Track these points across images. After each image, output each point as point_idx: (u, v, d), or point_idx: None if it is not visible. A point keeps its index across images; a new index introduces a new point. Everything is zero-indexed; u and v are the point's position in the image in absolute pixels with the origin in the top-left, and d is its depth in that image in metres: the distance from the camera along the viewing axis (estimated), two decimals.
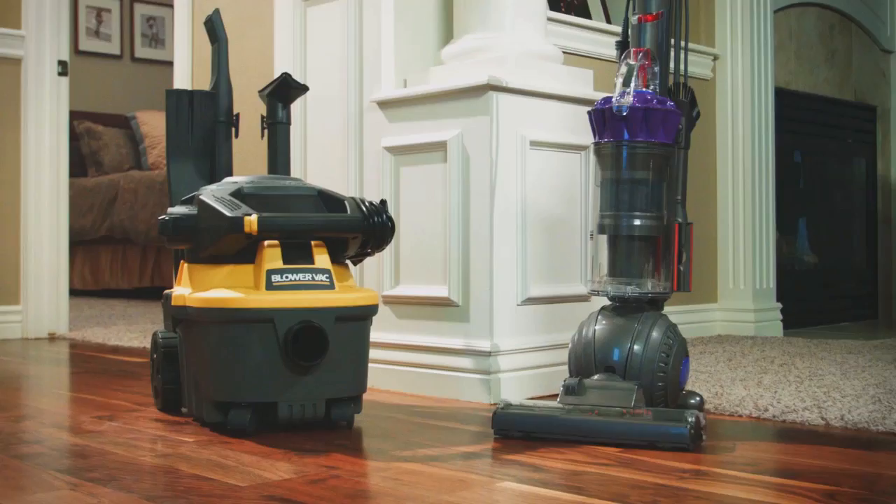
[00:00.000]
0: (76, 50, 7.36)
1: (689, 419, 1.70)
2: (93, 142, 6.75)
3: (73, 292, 6.44)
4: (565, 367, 2.06)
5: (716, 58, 3.81)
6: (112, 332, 3.97)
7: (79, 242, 6.38)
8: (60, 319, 3.96)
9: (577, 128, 2.40)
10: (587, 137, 2.38)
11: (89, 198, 6.32)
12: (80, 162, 6.80)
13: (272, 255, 1.84)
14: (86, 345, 3.61)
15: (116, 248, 6.19)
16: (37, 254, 3.88)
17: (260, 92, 2.16)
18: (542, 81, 2.35)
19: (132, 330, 4.01)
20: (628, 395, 1.79)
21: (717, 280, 3.80)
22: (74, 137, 6.77)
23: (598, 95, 2.43)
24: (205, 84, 2.26)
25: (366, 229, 1.89)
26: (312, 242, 1.87)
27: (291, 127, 2.43)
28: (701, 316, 3.68)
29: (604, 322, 1.92)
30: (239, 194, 1.89)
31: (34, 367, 3.04)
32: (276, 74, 2.21)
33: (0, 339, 3.81)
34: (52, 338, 3.88)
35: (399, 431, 1.88)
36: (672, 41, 2.04)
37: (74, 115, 6.80)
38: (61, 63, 3.96)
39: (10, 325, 3.86)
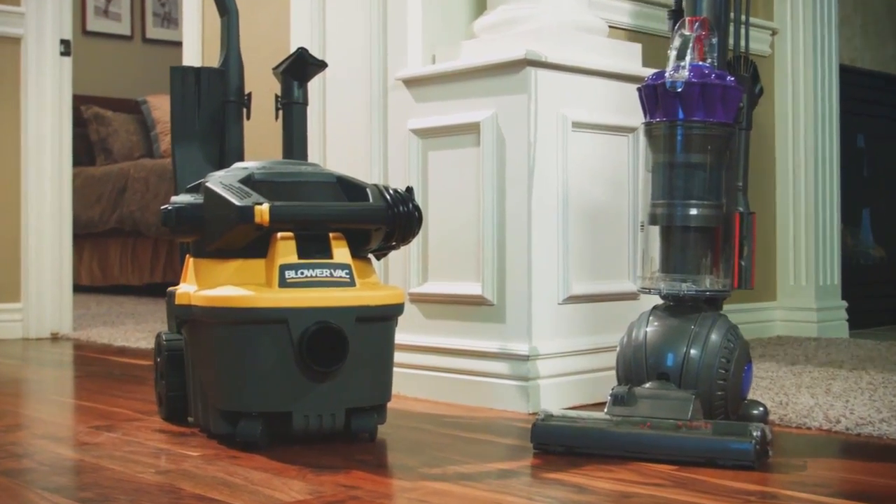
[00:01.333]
0: (83, 30, 7.33)
1: (754, 433, 1.60)
2: (101, 128, 6.73)
3: (81, 288, 6.43)
4: (612, 374, 1.99)
5: (774, 32, 3.71)
6: (119, 331, 3.92)
7: (86, 235, 6.37)
8: (64, 318, 3.92)
9: (624, 107, 2.34)
10: (635, 118, 2.31)
11: (97, 187, 6.29)
12: (88, 149, 6.79)
13: (286, 249, 1.77)
14: (90, 345, 3.57)
15: (126, 242, 6.16)
16: (38, 247, 3.84)
17: (274, 69, 2.11)
18: (586, 56, 2.28)
19: (140, 329, 3.97)
20: (684, 405, 1.70)
21: (777, 276, 3.70)
22: (82, 123, 6.76)
23: (648, 72, 2.35)
24: (216, 63, 2.18)
25: (390, 220, 1.83)
26: (331, 235, 1.81)
27: (309, 108, 2.37)
28: (758, 315, 3.59)
29: (656, 323, 1.83)
30: (249, 181, 1.83)
31: (32, 370, 2.99)
32: (293, 50, 2.15)
33: (0, 339, 3.77)
34: (55, 338, 3.85)
35: (427, 445, 1.81)
36: (731, 9, 1.94)
37: (82, 100, 6.79)
38: (64, 42, 3.92)
39: (10, 324, 3.83)
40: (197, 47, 3.46)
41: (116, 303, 5.57)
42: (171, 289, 1.97)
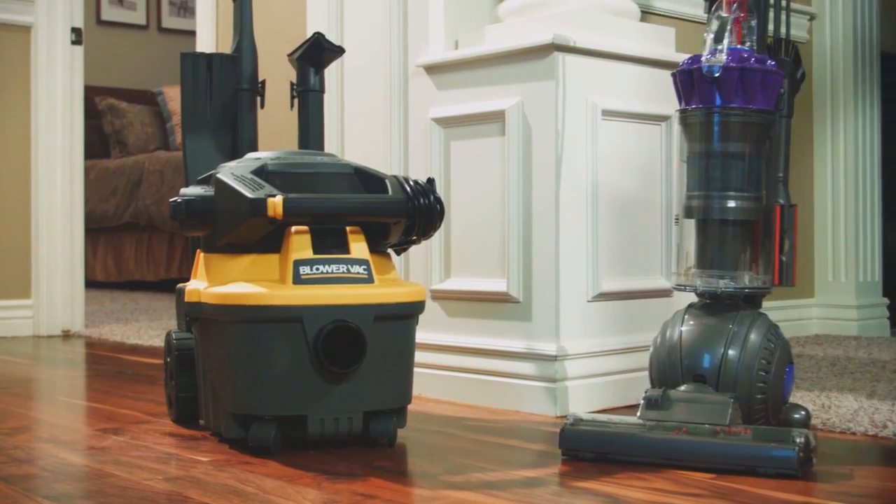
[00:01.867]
0: (98, 19, 7.32)
1: (798, 440, 1.54)
2: (116, 120, 6.72)
3: (95, 284, 6.42)
4: (644, 375, 1.95)
5: (812, 17, 3.64)
6: (132, 328, 3.90)
7: (101, 230, 6.35)
8: (75, 315, 3.90)
9: (657, 94, 2.29)
10: (668, 106, 2.27)
11: (112, 181, 6.28)
12: (103, 142, 6.78)
13: (300, 244, 1.72)
14: (102, 343, 3.54)
15: (141, 236, 6.14)
16: (49, 242, 3.82)
17: (289, 55, 2.07)
18: (616, 41, 2.23)
19: (154, 327, 3.94)
20: (722, 409, 1.64)
21: (815, 272, 3.64)
22: (96, 115, 6.75)
23: (682, 57, 2.29)
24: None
25: (410, 213, 1.78)
26: (348, 228, 1.77)
27: (326, 96, 2.33)
28: (795, 313, 3.52)
29: (692, 322, 1.77)
30: (262, 172, 1.78)
31: (41, 369, 2.96)
32: (309, 35, 2.11)
33: (10, 336, 3.76)
34: (66, 335, 3.83)
35: (449, 450, 1.76)
36: None
37: (96, 91, 6.78)
38: (75, 31, 3.89)
39: (21, 321, 3.81)
40: (211, 36, 3.43)
41: (131, 299, 5.55)
42: (180, 285, 1.93)
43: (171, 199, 1.77)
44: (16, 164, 3.79)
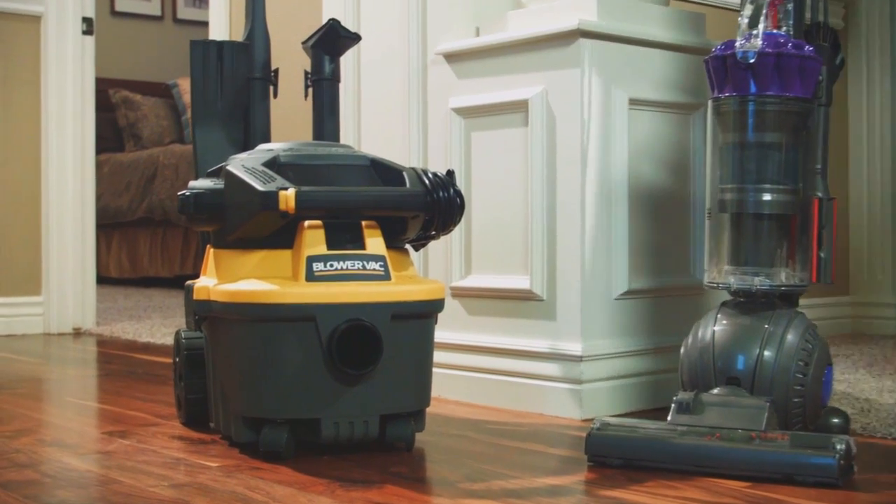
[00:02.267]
0: (112, 10, 7.30)
1: (838, 446, 1.48)
2: (130, 112, 6.70)
3: (109, 281, 6.40)
4: (675, 377, 1.90)
5: (847, 4, 3.56)
6: (145, 326, 3.86)
7: (114, 225, 6.34)
8: (87, 312, 3.87)
9: (688, 83, 2.24)
10: (699, 95, 2.24)
11: (126, 175, 6.26)
12: (117, 135, 6.77)
13: (314, 239, 1.68)
14: (113, 341, 3.51)
15: (156, 232, 6.12)
16: (59, 238, 3.80)
17: (303, 43, 2.04)
18: (644, 27, 2.18)
19: (168, 324, 3.91)
20: (757, 414, 1.58)
21: (850, 268, 3.57)
22: (110, 108, 6.73)
23: (713, 44, 2.24)
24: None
25: (429, 206, 1.74)
26: (363, 223, 1.72)
27: (341, 85, 2.29)
28: (829, 311, 3.46)
29: (725, 322, 1.71)
30: (274, 164, 1.74)
31: (50, 368, 2.93)
32: (324, 22, 2.07)
33: (20, 334, 3.74)
34: (78, 333, 3.80)
35: (469, 455, 1.72)
36: None
37: (110, 84, 6.76)
38: (86, 20, 3.86)
39: (31, 318, 3.78)
40: (225, 25, 3.41)
41: (145, 296, 5.53)
42: (189, 282, 1.89)
43: (179, 193, 1.73)
44: (25, 158, 3.77)
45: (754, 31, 1.72)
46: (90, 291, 3.89)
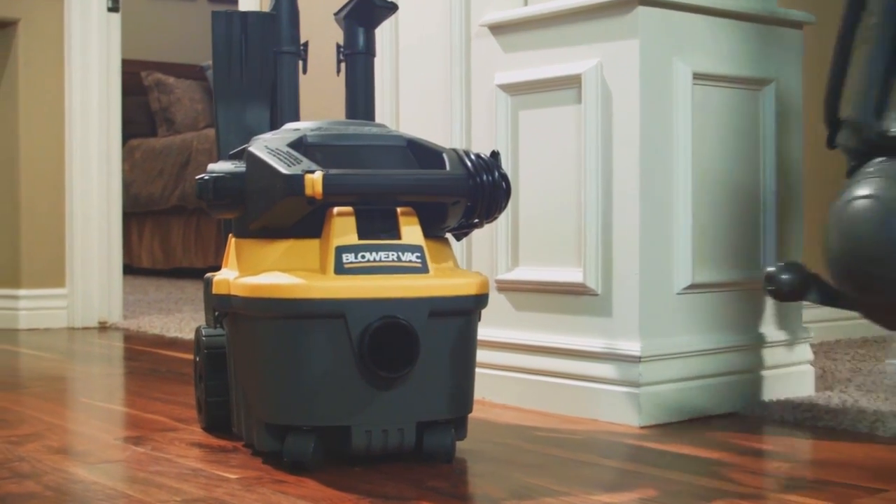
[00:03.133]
0: None
1: None
2: (163, 96, 6.67)
3: (141, 272, 6.39)
4: (746, 378, 1.78)
5: None
6: (174, 320, 3.81)
7: (147, 213, 6.31)
8: (113, 305, 3.82)
9: (757, 55, 2.14)
10: (769, 68, 2.15)
11: (159, 161, 6.23)
12: (149, 119, 6.75)
13: (343, 227, 1.59)
14: (140, 336, 3.45)
15: (189, 221, 6.09)
16: (84, 228, 3.76)
17: (336, 14, 1.97)
18: None
19: (198, 318, 3.85)
20: None
21: None
22: (142, 91, 6.71)
23: (785, 13, 2.16)
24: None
25: (472, 191, 1.65)
26: (399, 210, 1.64)
27: (378, 62, 2.21)
28: None
29: None
30: (301, 145, 1.66)
31: (69, 365, 2.87)
32: None
33: (43, 328, 3.70)
34: (103, 327, 3.75)
35: (515, 467, 1.62)
36: None
37: (142, 66, 6.73)
38: None
39: (55, 311, 3.74)
40: (255, 3, 3.34)
41: (177, 287, 5.50)
42: (209, 275, 1.80)
43: (197, 177, 1.64)
44: (48, 144, 3.73)
45: None
46: (116, 284, 3.84)
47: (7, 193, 3.71)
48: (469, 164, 1.66)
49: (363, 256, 1.58)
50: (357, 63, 1.95)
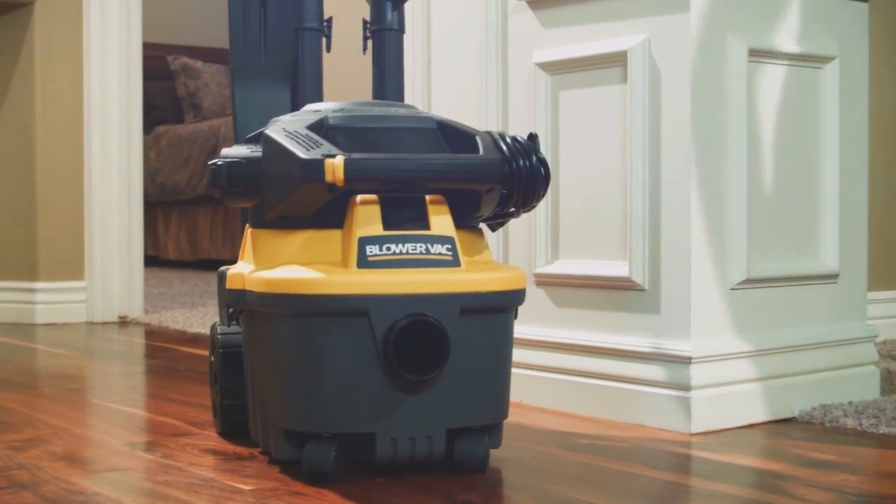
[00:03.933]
0: None
1: None
2: (190, 81, 6.66)
3: (167, 263, 6.38)
4: (807, 380, 1.69)
5: None
6: (197, 315, 3.77)
7: (173, 203, 6.30)
8: (133, 299, 3.79)
9: (818, 30, 2.08)
10: (832, 44, 2.08)
11: (185, 149, 6.21)
12: (176, 105, 6.74)
13: (367, 216, 1.53)
14: (161, 332, 3.41)
15: (217, 210, 6.07)
16: (104, 218, 3.73)
17: None
18: None
19: None
20: None
21: None
22: (169, 76, 6.70)
23: None
24: None
25: (507, 177, 1.58)
26: (428, 198, 1.57)
27: (408, 39, 2.14)
28: None
29: None
30: (321, 127, 1.60)
31: (82, 363, 2.82)
32: None
33: (61, 322, 3.68)
34: (123, 322, 3.72)
35: (554, 479, 1.55)
36: None
37: (169, 50, 6.72)
38: None
39: (73, 305, 3.72)
40: None
41: (203, 280, 5.48)
42: (223, 268, 1.73)
43: (210, 162, 1.58)
44: (67, 132, 3.70)
45: None
46: (137, 277, 3.80)
47: (24, 182, 3.68)
48: (504, 147, 1.59)
49: (389, 248, 1.52)
50: (385, 40, 1.89)
